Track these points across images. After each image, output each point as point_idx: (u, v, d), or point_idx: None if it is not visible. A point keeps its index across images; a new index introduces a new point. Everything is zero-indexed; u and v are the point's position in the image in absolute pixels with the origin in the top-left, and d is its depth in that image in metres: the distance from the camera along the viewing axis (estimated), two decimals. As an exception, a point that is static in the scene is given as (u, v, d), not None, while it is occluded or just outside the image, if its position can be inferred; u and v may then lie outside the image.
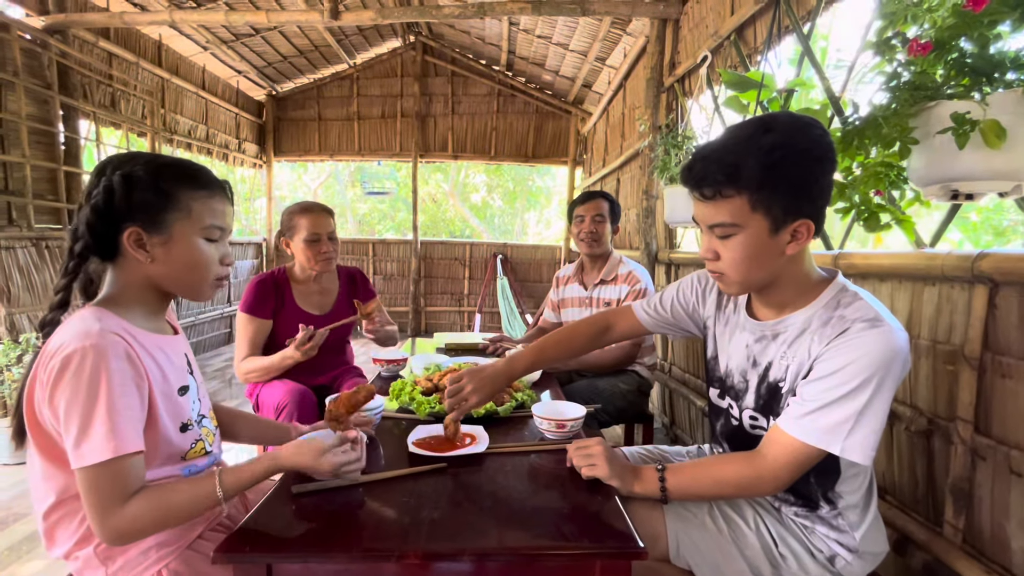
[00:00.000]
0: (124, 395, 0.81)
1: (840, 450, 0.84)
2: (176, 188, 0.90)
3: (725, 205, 0.87)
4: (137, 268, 0.91)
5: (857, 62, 1.64)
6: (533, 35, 5.12)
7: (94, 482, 0.79)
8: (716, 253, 0.93)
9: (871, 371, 0.83)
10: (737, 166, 0.84)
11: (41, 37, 3.43)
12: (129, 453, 0.80)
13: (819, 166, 0.86)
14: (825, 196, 0.88)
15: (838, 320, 0.88)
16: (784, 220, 0.86)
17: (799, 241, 0.88)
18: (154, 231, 0.89)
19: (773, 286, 0.96)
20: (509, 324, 6.25)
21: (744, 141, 0.86)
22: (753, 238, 0.87)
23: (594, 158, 5.70)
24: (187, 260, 0.91)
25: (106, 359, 0.80)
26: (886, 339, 0.83)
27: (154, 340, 0.93)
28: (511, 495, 0.96)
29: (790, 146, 0.84)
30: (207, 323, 5.46)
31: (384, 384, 1.68)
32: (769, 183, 0.84)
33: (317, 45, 5.85)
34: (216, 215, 0.94)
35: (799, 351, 0.93)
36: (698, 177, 0.89)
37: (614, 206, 2.21)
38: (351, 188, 13.09)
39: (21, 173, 3.26)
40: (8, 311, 3.05)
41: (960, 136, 0.86)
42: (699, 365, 2.58)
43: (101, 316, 0.85)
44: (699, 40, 2.65)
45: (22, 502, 2.30)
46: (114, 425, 0.79)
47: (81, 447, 0.78)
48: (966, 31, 0.88)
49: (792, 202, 0.85)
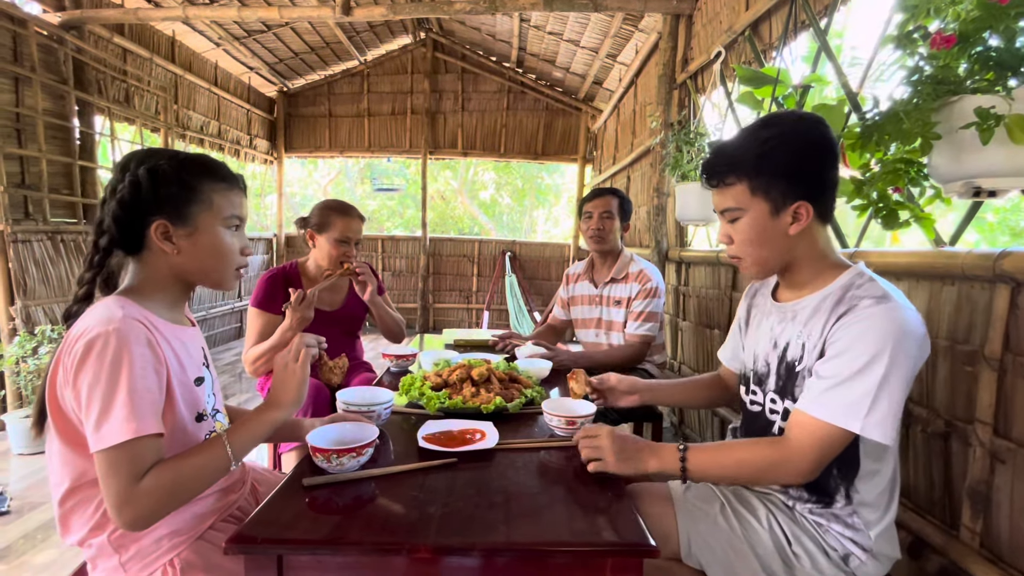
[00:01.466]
0: (145, 378, 0.83)
1: (860, 428, 0.85)
2: (199, 181, 0.94)
3: (730, 191, 0.99)
4: (162, 260, 0.94)
5: (875, 58, 1.61)
6: (544, 31, 5.10)
7: (114, 463, 0.79)
8: (730, 237, 1.03)
9: (879, 345, 0.85)
10: (737, 156, 0.98)
11: (57, 33, 3.47)
12: (149, 435, 0.81)
13: (812, 152, 0.95)
14: (824, 182, 0.96)
15: (849, 299, 0.92)
16: (783, 202, 0.95)
17: (800, 222, 0.96)
18: (180, 223, 0.92)
19: (790, 268, 1.03)
20: (517, 322, 6.24)
21: (746, 136, 1.00)
22: (756, 220, 0.98)
23: (604, 155, 5.67)
24: (212, 250, 0.95)
25: (128, 343, 0.81)
26: (892, 315, 0.86)
27: (173, 330, 0.95)
28: (521, 491, 0.95)
29: (782, 136, 0.95)
30: (218, 318, 5.51)
31: (394, 379, 1.68)
32: (765, 169, 0.95)
33: (328, 42, 5.87)
34: (235, 206, 0.98)
35: (813, 330, 0.96)
36: (708, 170, 1.03)
37: (624, 203, 2.19)
38: (360, 184, 13.15)
39: (37, 167, 3.31)
40: (24, 303, 3.09)
41: (984, 131, 0.84)
42: (709, 364, 2.56)
43: (124, 304, 0.87)
44: (712, 36, 2.62)
45: (37, 492, 2.34)
46: (135, 407, 0.80)
47: (101, 428, 0.79)
48: (992, 24, 0.86)
49: (788, 185, 0.95)
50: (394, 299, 6.70)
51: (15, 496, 2.28)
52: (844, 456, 0.92)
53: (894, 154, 1.07)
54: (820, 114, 1.41)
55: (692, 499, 1.05)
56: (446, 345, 2.24)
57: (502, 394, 1.37)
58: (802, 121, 0.98)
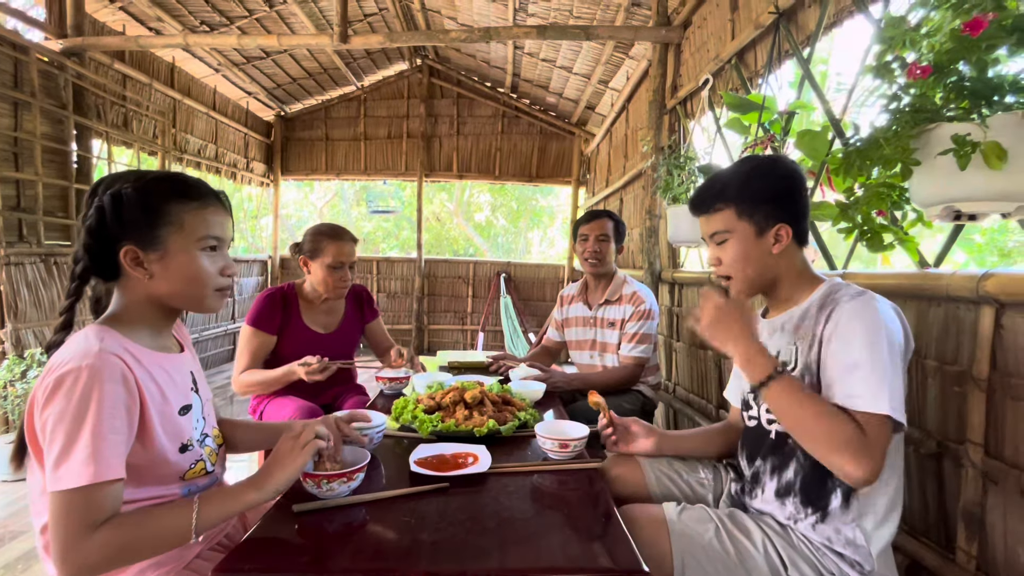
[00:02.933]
0: (113, 418, 0.79)
1: (891, 411, 0.88)
2: (166, 203, 0.89)
3: (718, 216, 1.10)
4: (139, 286, 0.91)
5: (857, 85, 1.66)
6: (537, 58, 5.22)
7: (66, 508, 0.76)
8: (719, 259, 1.12)
9: (868, 331, 0.92)
10: (724, 186, 1.11)
11: (58, 59, 3.52)
12: (108, 480, 0.77)
13: (788, 182, 1.09)
14: (799, 208, 1.08)
15: (831, 301, 1.01)
16: (766, 224, 1.06)
17: (781, 242, 1.07)
18: (149, 247, 0.88)
19: (775, 285, 1.12)
20: (512, 343, 6.23)
21: (730, 171, 1.15)
22: (743, 241, 1.08)
23: (597, 178, 5.75)
24: (185, 274, 0.91)
25: (100, 381, 0.79)
26: (871, 304, 0.95)
27: (156, 359, 0.93)
28: (514, 515, 0.94)
29: (761, 169, 1.11)
30: (210, 340, 5.47)
31: (387, 402, 1.67)
32: (748, 196, 1.07)
33: (326, 67, 5.98)
34: (211, 226, 0.93)
35: (805, 334, 1.04)
36: (698, 200, 1.15)
37: (618, 226, 2.22)
38: (356, 206, 13.23)
39: (33, 191, 3.32)
40: (14, 326, 3.07)
41: (961, 157, 0.87)
42: (703, 385, 2.56)
43: (104, 335, 0.85)
44: (701, 63, 2.70)
45: (19, 520, 2.28)
46: (97, 450, 0.76)
47: (59, 469, 0.76)
48: (964, 55, 0.90)
49: (770, 209, 1.06)
50: (389, 321, 6.68)
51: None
52: None
53: (876, 178, 1.10)
54: (805, 140, 1.45)
55: (686, 522, 1.05)
56: (440, 367, 2.23)
57: (495, 417, 1.37)
58: (774, 158, 1.21)
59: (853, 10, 1.58)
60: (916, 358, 1.23)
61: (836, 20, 1.67)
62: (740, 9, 2.28)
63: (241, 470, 2.83)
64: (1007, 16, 0.87)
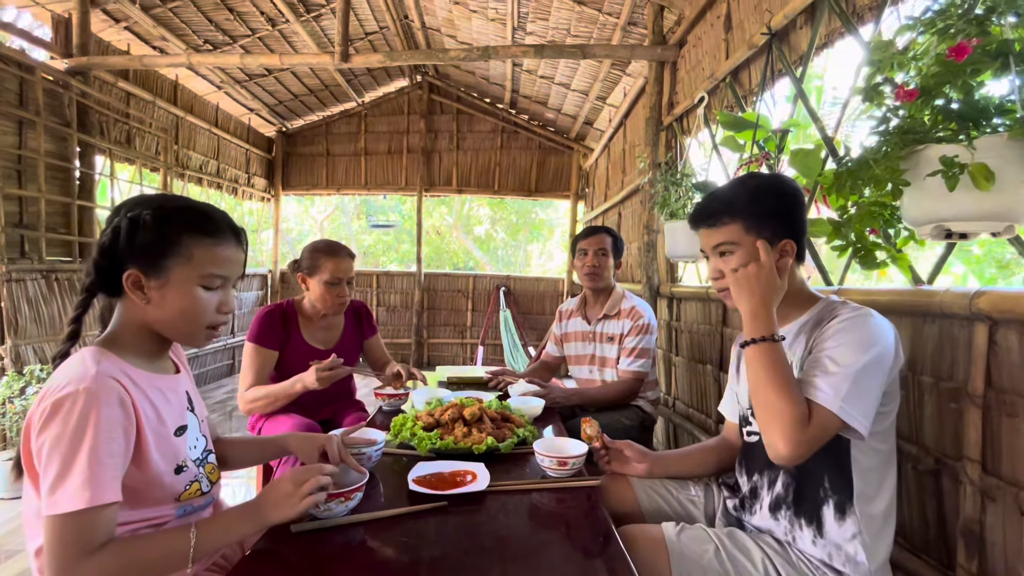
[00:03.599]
0: (110, 442, 0.80)
1: (838, 410, 0.91)
2: (180, 234, 0.90)
3: (724, 229, 1.10)
4: (136, 309, 0.92)
5: (848, 104, 1.69)
6: (536, 75, 5.30)
7: (62, 532, 0.76)
8: (720, 272, 1.12)
9: (856, 342, 0.95)
10: (732, 200, 1.11)
11: (63, 78, 3.57)
12: (103, 504, 0.78)
13: (792, 200, 1.11)
14: (801, 224, 1.11)
15: (828, 317, 1.04)
16: (774, 240, 1.07)
17: (785, 258, 1.08)
18: (153, 274, 0.89)
19: None
20: (512, 357, 6.22)
21: (735, 185, 1.15)
22: (748, 255, 1.07)
23: (596, 192, 5.79)
24: (180, 306, 0.91)
25: (97, 404, 0.79)
26: (866, 320, 0.97)
27: (152, 380, 0.93)
28: (512, 534, 0.94)
29: (769, 185, 1.12)
30: (210, 355, 5.46)
31: (385, 418, 1.67)
32: (757, 211, 1.08)
33: (327, 84, 6.06)
34: (218, 263, 0.93)
35: (798, 349, 1.06)
36: (702, 212, 1.14)
37: (617, 241, 2.24)
38: (356, 220, 13.29)
39: (36, 207, 3.34)
40: (14, 342, 3.07)
41: (950, 179, 0.89)
42: (703, 400, 2.56)
43: (100, 358, 0.86)
44: (696, 81, 2.74)
45: (15, 539, 2.26)
46: (94, 474, 0.77)
47: (55, 493, 0.76)
48: (950, 80, 0.92)
49: (777, 225, 1.07)
50: (388, 334, 6.67)
51: (-8, 544, 2.20)
52: (834, 467, 0.98)
53: (869, 197, 1.12)
54: (799, 158, 1.47)
55: (685, 542, 1.04)
56: (439, 383, 2.23)
57: (494, 434, 1.37)
58: (780, 176, 1.25)
59: (844, 32, 1.62)
60: (912, 374, 1.23)
61: (827, 41, 1.71)
62: (734, 30, 2.32)
63: (239, 487, 2.82)
64: (991, 41, 0.89)
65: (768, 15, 1.96)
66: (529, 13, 4.25)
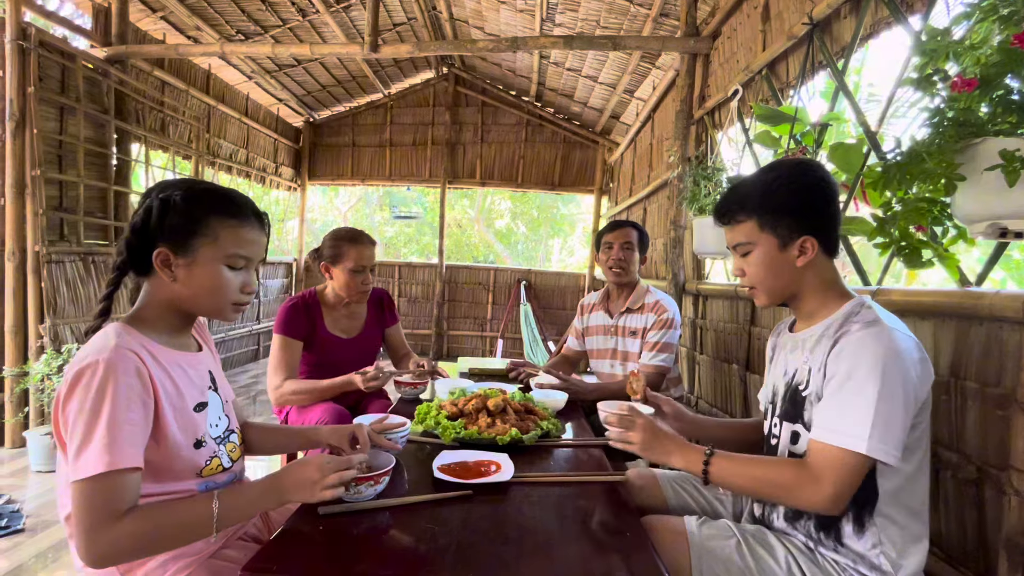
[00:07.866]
0: (129, 409, 0.83)
1: (867, 449, 0.87)
2: (207, 215, 0.94)
3: (740, 228, 1.08)
4: (163, 286, 0.95)
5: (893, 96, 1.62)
6: (563, 68, 5.24)
7: (87, 496, 0.79)
8: (742, 270, 1.11)
9: (869, 366, 0.89)
10: (745, 197, 1.07)
11: (103, 66, 3.67)
12: (124, 468, 0.80)
13: (814, 192, 1.04)
14: (825, 219, 1.04)
15: (846, 326, 0.98)
16: (790, 237, 1.03)
17: (806, 255, 1.03)
18: (181, 253, 0.93)
19: (800, 298, 1.09)
20: (531, 351, 6.21)
21: (752, 179, 1.11)
22: (766, 253, 1.05)
23: (621, 187, 5.72)
24: (206, 284, 0.94)
25: (115, 373, 0.82)
26: (880, 337, 0.91)
27: (174, 356, 0.96)
28: (536, 526, 0.94)
29: (784, 178, 1.05)
30: (236, 340, 5.59)
31: (405, 406, 1.68)
32: (770, 207, 1.04)
33: (355, 75, 6.11)
34: (242, 244, 0.96)
35: (818, 355, 1.01)
36: (720, 210, 1.12)
37: (643, 235, 2.21)
38: (380, 211, 13.42)
39: (75, 192, 3.45)
40: (53, 322, 3.18)
41: (1010, 173, 0.84)
42: (727, 398, 2.51)
43: (122, 332, 0.90)
44: (730, 74, 2.67)
45: (51, 510, 2.35)
46: (113, 439, 0.79)
47: (79, 459, 0.79)
48: (1013, 68, 0.87)
49: (793, 221, 1.03)
50: (409, 325, 6.73)
51: (30, 514, 2.30)
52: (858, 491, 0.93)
53: (916, 193, 1.07)
54: (839, 153, 1.42)
55: (708, 534, 1.03)
56: (461, 373, 2.24)
57: (518, 425, 1.36)
58: (801, 165, 1.11)
59: (891, 21, 1.55)
60: (954, 379, 1.19)
61: (872, 31, 1.64)
62: (772, 20, 2.25)
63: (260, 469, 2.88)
64: (1059, 28, 0.84)
65: (810, 4, 1.89)
66: (558, 4, 4.20)
